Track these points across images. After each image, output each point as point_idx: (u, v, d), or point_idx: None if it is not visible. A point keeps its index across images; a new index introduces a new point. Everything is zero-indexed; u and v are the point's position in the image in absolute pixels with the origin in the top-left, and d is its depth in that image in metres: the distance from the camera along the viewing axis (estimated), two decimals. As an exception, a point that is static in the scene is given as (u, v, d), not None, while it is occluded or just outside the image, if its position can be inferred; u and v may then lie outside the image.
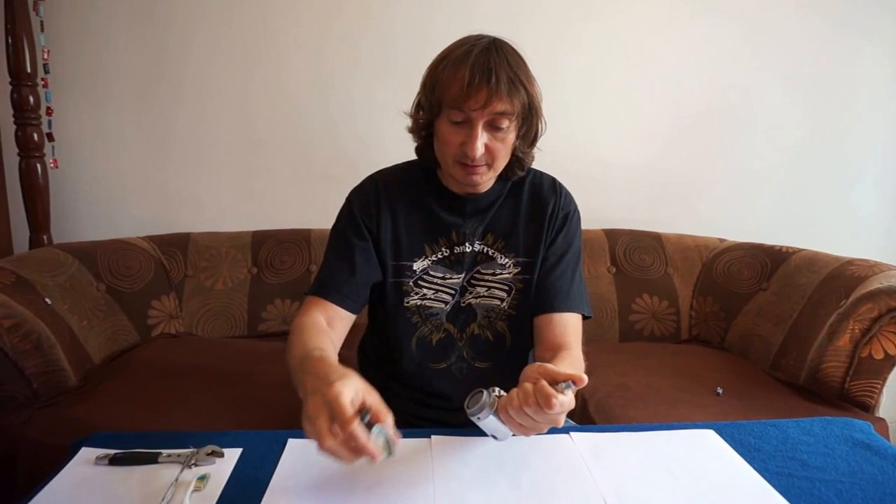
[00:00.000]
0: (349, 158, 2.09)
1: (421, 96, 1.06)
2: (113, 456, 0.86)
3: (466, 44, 1.01)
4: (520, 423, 0.80)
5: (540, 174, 1.17)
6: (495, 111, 0.97)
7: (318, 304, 1.04)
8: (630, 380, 1.58)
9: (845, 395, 1.49)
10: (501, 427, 0.83)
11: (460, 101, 0.97)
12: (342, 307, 1.05)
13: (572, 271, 1.12)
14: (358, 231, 1.09)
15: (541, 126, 1.07)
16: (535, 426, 0.80)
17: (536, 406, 0.77)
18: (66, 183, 2.09)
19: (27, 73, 1.85)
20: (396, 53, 1.99)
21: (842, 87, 2.16)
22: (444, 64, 1.01)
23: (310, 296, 1.06)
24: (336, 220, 1.14)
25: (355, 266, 1.07)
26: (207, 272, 1.95)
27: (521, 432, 0.82)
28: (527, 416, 0.78)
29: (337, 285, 1.06)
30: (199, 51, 2.06)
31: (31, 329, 1.43)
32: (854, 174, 2.22)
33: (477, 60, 0.97)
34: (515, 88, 0.98)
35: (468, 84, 0.95)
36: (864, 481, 0.85)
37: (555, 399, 0.76)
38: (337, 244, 1.10)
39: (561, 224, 1.13)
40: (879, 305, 1.45)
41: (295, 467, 0.85)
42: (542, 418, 0.78)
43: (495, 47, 0.99)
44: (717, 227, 2.16)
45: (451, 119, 1.00)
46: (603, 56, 2.12)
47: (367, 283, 1.09)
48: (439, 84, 1.00)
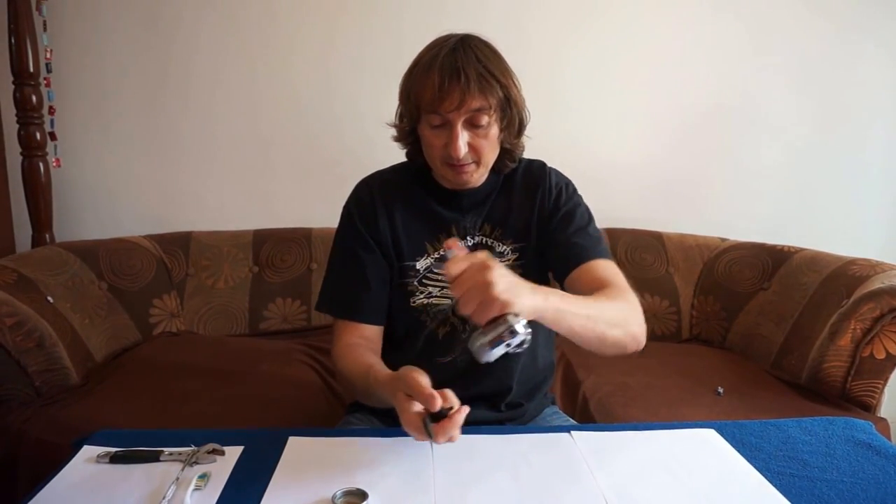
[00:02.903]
0: (351, 157, 2.08)
1: (400, 106, 1.08)
2: (114, 454, 0.86)
3: (434, 47, 1.02)
4: (467, 292, 0.75)
5: (531, 161, 1.17)
6: (471, 109, 0.98)
7: (350, 327, 1.09)
8: (631, 379, 1.58)
9: (847, 394, 1.49)
10: (500, 329, 0.77)
11: (435, 104, 0.98)
12: (373, 324, 1.10)
13: (586, 228, 1.11)
14: (364, 244, 1.10)
15: (525, 115, 1.07)
16: (473, 281, 0.75)
17: (444, 273, 0.77)
18: (69, 182, 2.09)
19: (30, 73, 1.86)
20: (400, 51, 1.99)
21: (845, 88, 2.15)
22: (415, 71, 1.02)
23: (340, 321, 1.10)
24: (338, 231, 1.14)
25: (370, 282, 1.09)
26: (209, 271, 1.95)
27: (486, 305, 0.75)
28: (455, 285, 0.76)
29: (362, 304, 1.09)
30: (201, 50, 2.06)
31: (33, 327, 1.43)
32: (856, 174, 2.22)
33: (444, 62, 0.98)
34: (488, 83, 0.98)
35: (439, 87, 0.97)
36: (865, 481, 0.85)
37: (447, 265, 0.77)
38: (347, 260, 1.11)
39: (556, 196, 1.12)
40: (881, 305, 1.45)
41: (296, 465, 0.86)
42: (457, 269, 0.76)
43: (462, 46, 1.00)
44: (718, 226, 2.16)
45: (431, 123, 1.01)
46: (605, 54, 2.11)
47: (385, 293, 1.11)
48: (413, 91, 1.02)
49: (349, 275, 1.10)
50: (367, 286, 1.09)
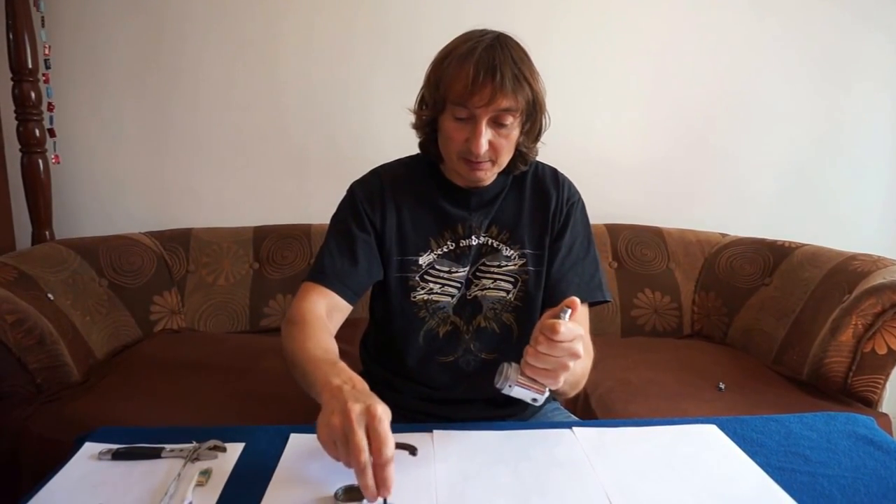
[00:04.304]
0: (352, 153, 2.08)
1: (425, 92, 1.06)
2: (116, 451, 0.86)
3: (471, 39, 1.00)
4: (542, 367, 0.83)
5: (542, 166, 1.17)
6: (500, 108, 0.97)
7: (319, 291, 1.03)
8: (632, 375, 1.58)
9: (848, 390, 1.49)
10: (533, 386, 0.86)
11: (465, 97, 0.97)
12: (343, 298, 1.04)
13: (582, 261, 1.12)
14: (361, 223, 1.08)
15: (545, 121, 1.07)
16: (557, 364, 0.83)
17: (547, 341, 0.81)
18: (68, 179, 2.09)
19: (28, 69, 1.85)
20: (409, 47, 1.99)
21: (845, 82, 2.15)
22: (448, 60, 1.00)
23: (309, 282, 1.04)
24: (338, 209, 1.13)
25: (357, 257, 1.06)
26: (209, 268, 1.95)
27: (549, 379, 0.84)
28: (544, 356, 0.82)
29: (340, 275, 1.04)
30: (202, 46, 2.05)
31: (34, 325, 1.43)
32: (857, 169, 2.21)
33: (481, 57, 0.96)
34: (520, 85, 0.98)
35: (473, 81, 0.95)
36: (866, 476, 0.85)
37: (558, 324, 0.80)
38: (339, 233, 1.09)
39: (566, 217, 1.13)
40: (882, 300, 1.45)
41: (297, 462, 0.85)
42: (558, 351, 0.81)
43: (500, 43, 0.99)
44: (719, 221, 2.16)
45: (456, 115, 1.00)
46: (603, 49, 2.11)
47: (368, 275, 1.08)
48: (443, 81, 1.00)
49: (337, 246, 1.07)
50: (352, 261, 1.05)
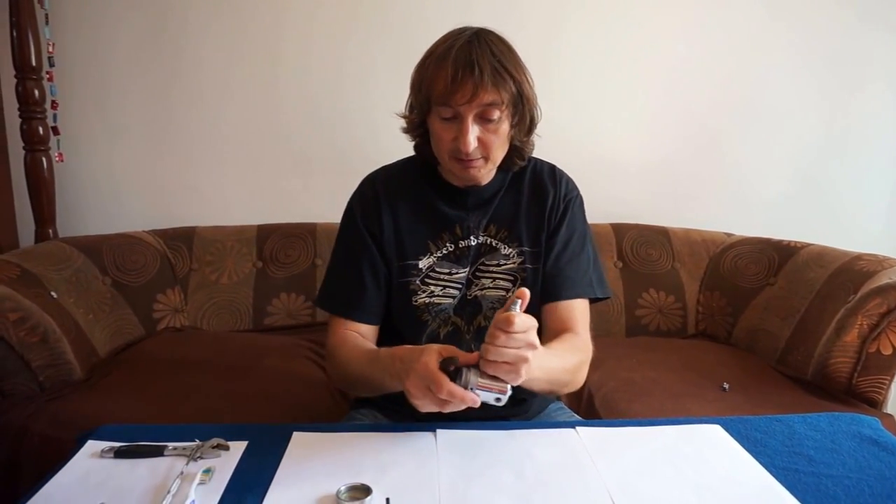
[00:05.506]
0: (355, 151, 2.07)
1: (411, 96, 1.07)
2: (118, 449, 0.86)
3: (449, 39, 1.01)
4: (503, 361, 0.81)
5: (540, 163, 1.16)
6: (483, 103, 0.97)
7: (347, 325, 1.09)
8: (636, 374, 1.57)
9: (853, 390, 1.48)
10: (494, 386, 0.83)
11: (447, 96, 0.97)
12: (370, 324, 1.10)
13: (578, 256, 1.12)
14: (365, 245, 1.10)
15: (536, 113, 1.06)
16: (517, 356, 0.80)
17: (503, 333, 0.79)
18: (72, 177, 2.09)
19: (32, 67, 1.85)
20: (410, 45, 1.97)
21: (852, 83, 2.14)
22: (428, 62, 1.01)
23: (336, 317, 1.10)
24: (341, 229, 1.14)
25: (366, 283, 1.10)
26: (212, 266, 1.95)
27: (511, 374, 0.82)
28: (500, 349, 0.80)
29: (359, 303, 1.09)
30: (207, 43, 2.05)
31: (37, 322, 1.44)
32: (863, 169, 2.20)
33: (459, 54, 0.97)
34: (501, 78, 0.97)
35: (452, 79, 0.96)
36: (871, 477, 0.84)
37: (512, 315, 0.79)
38: (348, 260, 1.11)
39: (563, 212, 1.12)
40: (888, 300, 1.44)
41: (300, 460, 0.86)
42: (515, 342, 0.80)
43: (478, 39, 0.99)
44: (724, 221, 2.15)
45: (441, 115, 1.00)
46: (610, 48, 2.10)
47: (382, 294, 1.12)
48: (425, 82, 1.01)
49: (348, 274, 1.11)
50: (363, 286, 1.09)
